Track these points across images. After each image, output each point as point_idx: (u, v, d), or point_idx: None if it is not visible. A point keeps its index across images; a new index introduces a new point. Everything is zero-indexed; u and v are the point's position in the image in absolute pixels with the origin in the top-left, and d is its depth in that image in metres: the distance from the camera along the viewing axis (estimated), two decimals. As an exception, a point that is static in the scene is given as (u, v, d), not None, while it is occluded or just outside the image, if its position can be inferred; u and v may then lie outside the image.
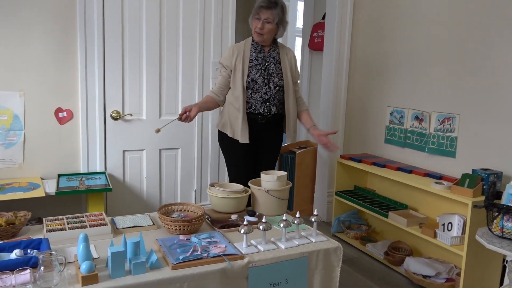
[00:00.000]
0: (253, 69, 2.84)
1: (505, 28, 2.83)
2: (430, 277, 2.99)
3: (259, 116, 2.88)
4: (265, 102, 2.86)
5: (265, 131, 2.93)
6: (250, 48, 2.88)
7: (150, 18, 3.26)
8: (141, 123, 3.35)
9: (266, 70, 2.86)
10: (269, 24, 2.77)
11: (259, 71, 2.84)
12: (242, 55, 2.85)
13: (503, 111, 2.86)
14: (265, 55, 2.88)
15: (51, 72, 3.04)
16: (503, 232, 2.26)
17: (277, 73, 2.88)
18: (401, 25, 3.60)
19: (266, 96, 2.85)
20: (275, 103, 2.89)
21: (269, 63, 2.87)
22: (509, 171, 2.84)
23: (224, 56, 2.91)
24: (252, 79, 2.83)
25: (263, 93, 2.85)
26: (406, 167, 3.39)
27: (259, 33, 2.80)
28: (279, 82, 2.87)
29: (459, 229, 2.86)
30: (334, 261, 2.14)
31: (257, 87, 2.83)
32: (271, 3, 2.77)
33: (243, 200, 2.48)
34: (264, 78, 2.84)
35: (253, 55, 2.86)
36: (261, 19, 2.77)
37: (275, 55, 2.90)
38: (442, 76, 3.26)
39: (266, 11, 2.76)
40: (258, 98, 2.85)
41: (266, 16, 2.76)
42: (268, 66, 2.86)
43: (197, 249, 1.92)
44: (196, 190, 3.64)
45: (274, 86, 2.86)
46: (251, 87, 2.83)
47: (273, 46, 2.92)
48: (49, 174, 3.12)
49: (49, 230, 2.04)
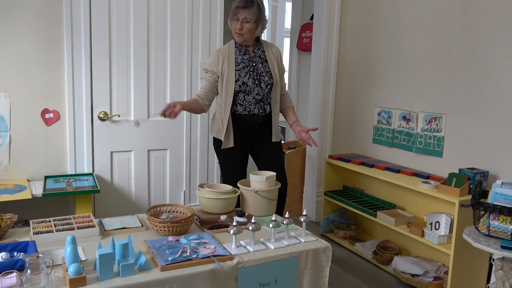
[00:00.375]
0: (242, 72, 2.83)
1: (491, 29, 2.86)
2: (418, 276, 3.01)
3: (255, 117, 2.88)
4: (259, 103, 2.87)
5: (261, 130, 2.93)
6: (234, 51, 2.87)
7: (138, 17, 3.24)
8: (129, 124, 3.33)
9: (255, 71, 2.86)
10: (247, 24, 2.77)
11: (247, 73, 2.84)
12: (227, 59, 2.84)
13: (489, 111, 2.90)
14: (251, 56, 2.88)
15: (37, 72, 3.00)
16: (490, 231, 2.28)
17: (266, 71, 2.88)
18: (389, 25, 3.62)
19: (258, 96, 2.86)
20: (268, 102, 2.90)
21: (256, 63, 2.87)
22: (495, 170, 2.87)
23: (209, 62, 2.89)
24: (243, 82, 2.82)
25: (255, 94, 2.85)
26: (394, 167, 3.41)
27: (239, 33, 2.80)
28: (270, 80, 2.88)
29: (447, 228, 2.89)
30: (323, 261, 2.14)
31: (248, 89, 2.83)
32: (248, 2, 2.77)
33: (232, 200, 2.48)
34: (254, 79, 2.84)
35: (239, 58, 2.86)
36: (239, 19, 2.77)
37: (260, 53, 2.91)
38: (429, 77, 3.29)
39: (243, 10, 2.76)
40: (251, 100, 2.85)
41: (243, 16, 2.76)
42: (255, 66, 2.87)
43: (186, 250, 1.91)
44: (185, 191, 3.63)
45: (266, 85, 2.87)
46: (243, 90, 2.83)
47: (257, 45, 2.93)
48: (36, 175, 3.09)
49: (36, 232, 2.01)
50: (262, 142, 2.98)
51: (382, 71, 3.70)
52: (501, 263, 2.30)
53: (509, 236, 2.22)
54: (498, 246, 2.21)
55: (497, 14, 2.82)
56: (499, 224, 2.25)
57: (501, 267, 2.30)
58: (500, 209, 2.21)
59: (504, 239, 2.24)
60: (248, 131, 2.91)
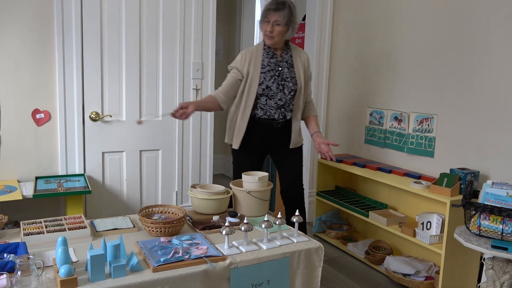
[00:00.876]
0: (267, 75, 2.79)
1: (482, 31, 2.89)
2: (410, 276, 3.03)
3: (274, 122, 2.83)
4: (280, 108, 2.82)
5: (279, 136, 2.89)
6: (262, 53, 2.83)
7: (129, 17, 3.23)
8: (120, 124, 3.31)
9: (280, 76, 2.81)
10: (278, 26, 2.73)
11: (272, 77, 2.79)
12: (254, 60, 2.80)
13: (480, 112, 2.92)
14: (278, 59, 2.83)
15: (28, 72, 2.98)
16: (480, 230, 2.30)
17: (291, 77, 2.83)
18: (381, 27, 3.64)
19: (281, 102, 2.81)
20: (290, 109, 2.86)
21: (282, 67, 2.82)
22: (486, 170, 2.89)
23: (236, 60, 2.86)
24: (267, 86, 2.78)
25: (277, 99, 2.80)
26: (385, 167, 3.43)
27: (269, 36, 2.75)
28: (294, 87, 2.83)
29: (438, 227, 2.91)
30: (315, 261, 2.15)
31: (271, 93, 2.79)
32: (279, 5, 2.73)
33: (225, 201, 2.48)
34: (278, 84, 2.79)
35: (265, 60, 2.81)
36: (270, 21, 2.73)
37: (287, 58, 2.86)
38: (420, 77, 3.31)
39: (275, 13, 2.72)
40: (273, 105, 2.80)
41: (274, 18, 2.72)
42: (281, 71, 2.82)
43: (178, 251, 1.90)
44: (177, 192, 3.62)
45: (289, 91, 2.82)
46: (265, 94, 2.79)
47: (286, 49, 2.87)
48: (26, 176, 3.06)
49: (27, 233, 2.00)
50: (281, 147, 2.93)
51: (374, 72, 3.71)
52: (491, 263, 2.32)
53: (500, 235, 2.24)
54: (489, 246, 2.22)
55: (488, 16, 2.85)
56: (489, 224, 2.27)
57: (491, 267, 2.32)
58: (490, 209, 2.23)
59: (495, 238, 2.26)
60: (265, 135, 2.86)
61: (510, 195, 2.30)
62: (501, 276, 2.29)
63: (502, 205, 2.27)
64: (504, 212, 2.19)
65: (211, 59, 3.58)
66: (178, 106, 2.55)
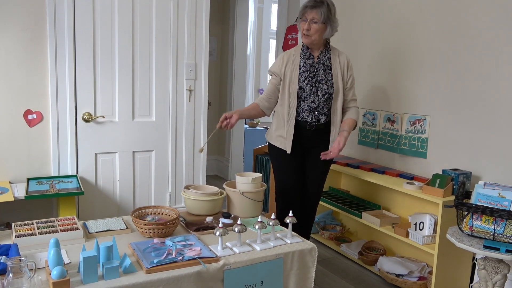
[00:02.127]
0: (301, 77, 2.73)
1: (475, 32, 2.91)
2: (403, 276, 3.04)
3: (307, 124, 2.76)
4: (313, 111, 2.74)
5: (315, 140, 2.81)
6: (299, 54, 2.78)
7: (122, 17, 3.22)
8: (113, 125, 3.30)
9: (314, 77, 2.74)
10: (315, 24, 2.65)
11: (306, 79, 2.73)
12: (292, 62, 2.76)
13: (472, 113, 2.94)
14: (314, 61, 2.76)
15: (20, 72, 2.96)
16: (473, 231, 2.32)
17: (327, 80, 2.74)
18: (373, 28, 3.65)
19: (314, 104, 2.73)
20: (324, 112, 2.76)
21: (318, 69, 2.75)
22: (478, 171, 2.91)
23: (274, 63, 2.85)
24: (300, 87, 2.73)
25: (310, 101, 2.73)
26: (379, 168, 3.44)
27: (306, 34, 2.68)
28: (329, 89, 2.74)
29: (431, 228, 2.92)
30: (309, 262, 2.15)
31: (305, 95, 2.73)
32: (317, 2, 2.65)
33: (218, 202, 2.47)
34: (312, 86, 2.73)
35: (302, 61, 2.76)
36: (307, 20, 2.66)
37: (325, 60, 2.77)
38: (413, 79, 3.33)
39: (311, 10, 2.64)
40: (306, 107, 2.74)
41: (311, 16, 2.64)
42: (316, 72, 2.74)
43: (172, 253, 1.90)
44: (171, 193, 3.61)
45: (323, 94, 2.73)
46: (299, 95, 2.74)
47: (324, 51, 2.79)
48: (18, 177, 3.04)
49: (18, 235, 1.98)
50: (313, 151, 2.83)
51: (367, 73, 3.72)
52: (484, 263, 2.33)
53: (492, 236, 2.26)
54: (481, 246, 2.24)
55: (481, 18, 2.87)
56: (481, 224, 2.28)
57: (484, 267, 2.33)
58: (482, 210, 2.25)
59: (487, 239, 2.28)
60: (301, 137, 2.79)
61: (501, 195, 2.31)
62: (493, 276, 2.31)
63: (494, 206, 2.28)
64: (496, 213, 2.21)
65: (205, 60, 3.57)
66: (223, 117, 2.62)
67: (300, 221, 2.85)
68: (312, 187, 2.94)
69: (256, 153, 4.43)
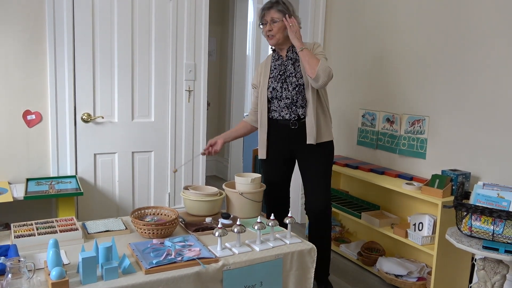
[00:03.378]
0: (274, 78, 2.77)
1: (474, 33, 2.91)
2: (402, 277, 3.04)
3: (290, 122, 2.74)
4: (289, 107, 2.72)
5: (302, 139, 2.74)
6: (270, 60, 2.83)
7: (122, 18, 3.22)
8: (112, 125, 3.29)
9: (284, 74, 2.75)
10: (276, 23, 2.66)
11: (277, 78, 2.76)
12: (264, 69, 2.82)
13: (471, 113, 2.94)
14: (283, 60, 2.78)
15: (19, 73, 2.95)
16: (472, 231, 2.32)
17: (296, 72, 2.72)
18: (373, 29, 3.65)
19: (288, 100, 2.72)
20: (300, 105, 2.72)
21: (286, 65, 2.75)
22: (477, 171, 2.91)
23: (253, 77, 2.92)
24: (273, 88, 2.75)
25: (285, 97, 2.73)
26: (378, 169, 3.44)
27: (270, 36, 2.70)
28: (298, 81, 2.70)
29: (430, 229, 2.92)
30: (308, 263, 2.15)
31: (279, 94, 2.73)
32: (272, 3, 2.68)
33: (217, 202, 2.47)
34: (282, 83, 2.73)
35: (273, 65, 2.80)
36: (267, 21, 2.68)
37: (293, 55, 2.76)
38: (412, 79, 3.33)
39: (269, 11, 2.68)
40: (283, 105, 2.74)
41: (270, 16, 2.67)
42: (286, 68, 2.75)
43: (171, 253, 1.90)
44: (170, 193, 3.61)
45: (293, 87, 2.70)
46: (274, 96, 2.75)
47: (291, 48, 2.77)
48: (17, 178, 3.04)
49: (17, 236, 1.98)
50: (302, 150, 2.79)
51: (366, 73, 3.73)
52: (483, 263, 2.33)
53: (491, 236, 2.26)
54: (480, 247, 2.24)
55: (479, 19, 2.87)
56: (480, 225, 2.28)
57: (483, 267, 2.33)
58: (481, 210, 2.25)
59: (486, 239, 2.28)
60: (286, 138, 2.79)
61: (501, 196, 2.32)
62: (492, 276, 2.31)
63: (493, 206, 2.29)
64: (495, 213, 2.21)
65: (204, 60, 3.57)
66: (207, 144, 2.76)
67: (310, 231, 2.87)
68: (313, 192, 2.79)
69: (255, 153, 4.43)
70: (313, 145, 2.72)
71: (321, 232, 2.84)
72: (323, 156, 2.79)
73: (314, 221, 2.84)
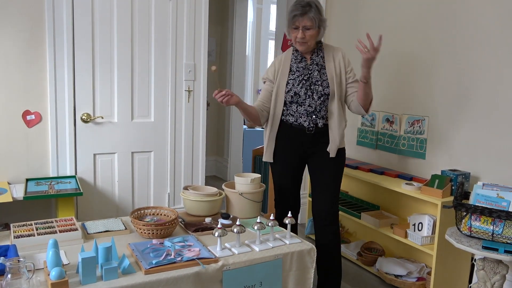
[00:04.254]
0: (295, 81, 2.61)
1: (473, 33, 2.91)
2: (402, 277, 3.04)
3: (306, 128, 2.62)
4: (310, 115, 2.60)
5: (317, 144, 2.65)
6: (290, 58, 2.67)
7: (121, 18, 3.22)
8: (112, 125, 3.29)
9: (308, 80, 2.60)
10: (309, 31, 2.52)
11: (300, 82, 2.60)
12: (282, 67, 2.66)
13: (471, 113, 2.94)
14: (307, 63, 2.63)
15: (19, 73, 2.95)
16: (471, 231, 2.32)
17: (322, 80, 2.60)
18: (371, 29, 3.65)
19: (310, 108, 2.59)
20: (322, 115, 2.61)
21: (312, 71, 2.61)
22: (477, 171, 2.91)
23: (267, 70, 2.75)
24: (295, 92, 2.60)
25: (307, 105, 2.59)
26: (377, 169, 3.44)
27: (301, 42, 2.55)
28: (324, 90, 2.59)
29: (429, 229, 2.92)
30: (308, 263, 2.15)
31: (301, 100, 2.60)
32: (305, 8, 2.50)
33: (217, 203, 2.47)
34: (306, 89, 2.59)
35: (294, 66, 2.65)
36: (299, 27, 2.52)
37: (318, 60, 2.63)
38: (411, 79, 3.33)
39: (302, 18, 2.49)
40: (303, 111, 2.60)
41: (303, 23, 2.50)
42: (311, 74, 2.61)
43: (171, 253, 1.90)
44: (169, 194, 3.61)
45: (319, 96, 2.59)
46: (295, 101, 2.61)
47: (316, 51, 2.65)
48: (17, 178, 3.03)
49: (17, 236, 1.98)
50: (316, 156, 2.68)
51: (366, 73, 3.72)
52: (482, 263, 2.33)
53: (490, 236, 2.26)
54: (480, 247, 2.24)
55: (481, 19, 2.87)
56: (480, 225, 2.28)
57: (482, 267, 2.33)
58: (481, 210, 2.25)
59: (485, 239, 2.28)
60: (299, 142, 2.65)
61: (500, 196, 2.32)
62: (492, 276, 2.31)
63: (492, 206, 2.29)
64: (495, 213, 2.21)
65: (204, 60, 3.57)
66: (225, 91, 2.41)
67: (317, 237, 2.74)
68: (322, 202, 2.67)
69: (255, 153, 4.44)
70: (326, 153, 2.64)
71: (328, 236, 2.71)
72: (337, 163, 2.70)
73: (321, 226, 2.72)
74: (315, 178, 2.73)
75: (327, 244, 2.69)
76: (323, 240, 2.71)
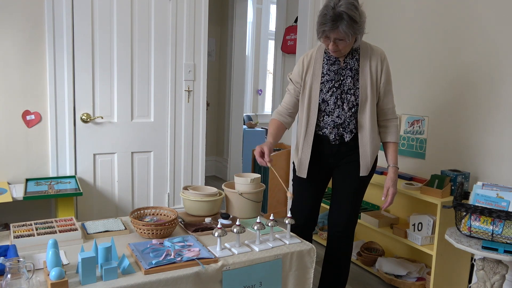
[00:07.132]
0: (325, 87, 2.32)
1: (472, 33, 2.91)
2: (402, 277, 3.04)
3: (330, 139, 2.38)
4: (337, 127, 2.34)
5: (343, 155, 2.41)
6: (322, 58, 2.35)
7: (121, 18, 3.22)
8: (112, 126, 3.29)
9: (340, 88, 2.31)
10: (342, 41, 2.19)
11: (330, 90, 2.32)
12: (313, 68, 2.35)
13: (471, 113, 2.94)
14: (340, 66, 2.32)
15: (18, 73, 2.95)
16: (471, 231, 2.32)
17: (355, 89, 2.30)
18: (372, 30, 3.65)
19: (339, 120, 2.33)
20: (350, 130, 2.35)
21: (344, 77, 2.31)
22: (476, 172, 2.92)
23: (294, 70, 2.44)
24: (323, 99, 2.33)
25: (335, 116, 2.33)
26: (377, 169, 3.44)
27: (335, 51, 2.25)
28: (356, 100, 2.30)
29: (429, 229, 2.92)
30: (307, 263, 2.15)
31: (329, 109, 2.33)
32: (335, 24, 2.12)
33: (217, 203, 2.47)
34: (336, 99, 2.31)
35: (325, 67, 2.34)
36: (331, 39, 2.20)
37: (353, 64, 2.32)
38: (411, 80, 3.33)
39: (332, 32, 2.15)
40: (329, 122, 2.35)
41: (334, 36, 2.17)
42: (343, 81, 2.31)
43: (170, 253, 1.90)
44: (169, 194, 3.61)
45: (349, 107, 2.31)
46: (322, 109, 2.34)
47: (352, 52, 2.33)
48: (17, 178, 3.03)
49: (17, 236, 1.98)
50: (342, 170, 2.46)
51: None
52: (482, 263, 2.33)
53: (490, 236, 2.26)
54: (479, 247, 2.24)
55: (481, 19, 2.87)
56: (480, 225, 2.29)
57: (482, 267, 2.33)
58: (481, 210, 2.25)
59: (485, 239, 2.28)
60: (326, 154, 2.42)
61: (500, 196, 2.32)
62: (492, 276, 2.31)
63: (492, 206, 2.29)
64: (494, 213, 2.21)
65: (203, 60, 3.57)
66: (258, 160, 2.28)
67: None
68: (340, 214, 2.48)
69: (255, 153, 4.43)
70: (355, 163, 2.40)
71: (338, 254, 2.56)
72: (364, 180, 2.47)
73: (335, 238, 2.55)
74: (336, 190, 2.53)
75: (337, 253, 2.57)
76: (334, 249, 2.58)
